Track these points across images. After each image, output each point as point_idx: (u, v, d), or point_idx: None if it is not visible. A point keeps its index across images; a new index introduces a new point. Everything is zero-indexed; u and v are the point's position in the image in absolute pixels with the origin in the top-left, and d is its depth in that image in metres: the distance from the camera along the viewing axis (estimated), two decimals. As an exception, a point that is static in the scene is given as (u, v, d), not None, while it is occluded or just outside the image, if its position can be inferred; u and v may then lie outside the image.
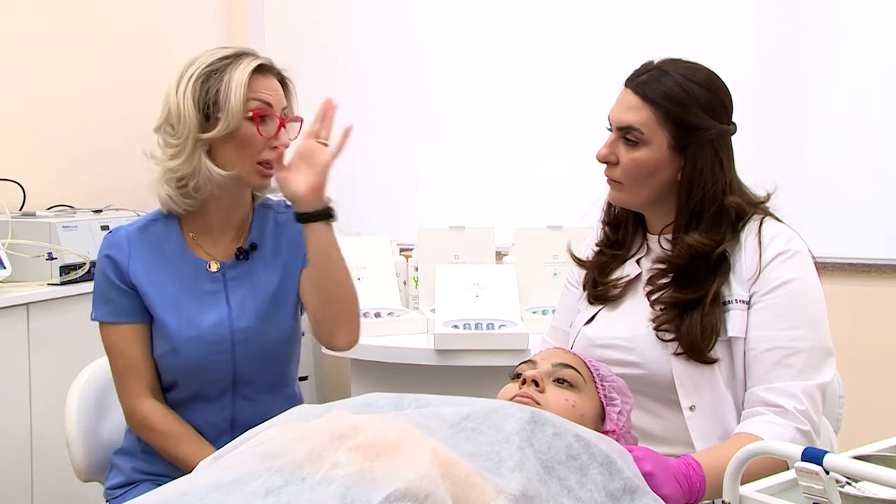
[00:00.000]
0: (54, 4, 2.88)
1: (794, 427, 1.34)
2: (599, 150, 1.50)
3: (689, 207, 1.46)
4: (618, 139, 1.48)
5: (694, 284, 1.44)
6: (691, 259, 1.45)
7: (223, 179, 1.57)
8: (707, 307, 1.42)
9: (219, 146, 1.56)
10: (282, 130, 1.59)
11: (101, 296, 1.63)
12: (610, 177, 1.51)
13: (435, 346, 2.24)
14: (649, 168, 1.46)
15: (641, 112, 1.45)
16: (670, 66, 1.48)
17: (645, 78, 1.46)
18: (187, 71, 1.56)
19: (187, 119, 1.54)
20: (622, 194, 1.51)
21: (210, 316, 1.61)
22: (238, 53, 1.58)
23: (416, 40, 3.35)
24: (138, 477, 1.65)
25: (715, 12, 2.97)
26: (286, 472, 1.00)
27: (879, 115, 2.81)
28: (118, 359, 1.63)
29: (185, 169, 1.56)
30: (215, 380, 1.62)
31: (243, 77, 1.54)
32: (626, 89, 1.48)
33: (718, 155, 1.46)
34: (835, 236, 2.81)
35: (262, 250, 1.68)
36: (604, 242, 1.62)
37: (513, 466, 1.02)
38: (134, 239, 1.63)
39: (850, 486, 0.99)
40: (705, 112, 1.45)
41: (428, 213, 3.20)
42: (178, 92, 1.55)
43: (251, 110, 1.55)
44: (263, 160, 1.57)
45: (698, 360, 1.41)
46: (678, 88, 1.44)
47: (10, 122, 2.72)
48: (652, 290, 1.49)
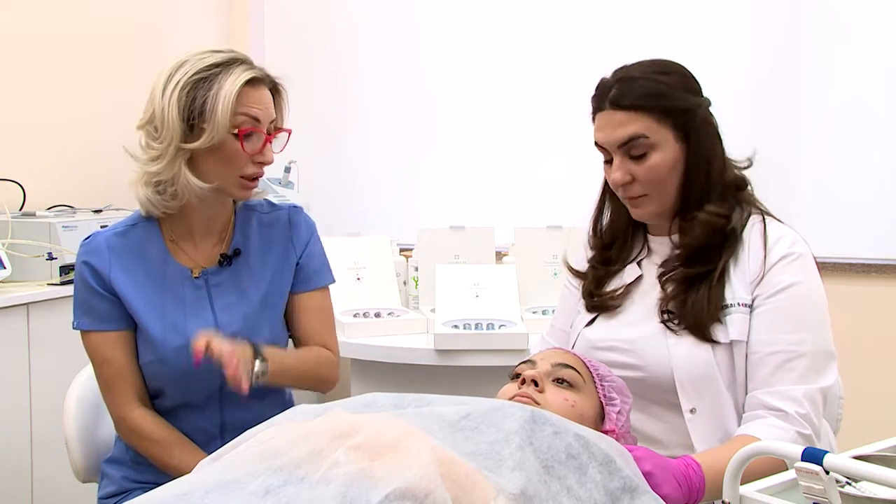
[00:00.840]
0: (54, 4, 2.88)
1: (794, 431, 1.34)
2: (612, 177, 1.46)
3: (699, 185, 1.46)
4: (623, 158, 1.45)
5: (706, 258, 1.45)
6: (707, 236, 1.44)
7: (202, 191, 1.53)
8: (714, 280, 1.42)
9: (200, 157, 1.52)
10: (267, 146, 1.55)
11: (82, 304, 1.58)
12: (631, 195, 1.48)
13: (435, 346, 2.23)
14: (668, 168, 1.44)
15: (635, 121, 1.42)
16: (627, 72, 1.46)
17: (616, 92, 1.44)
18: (175, 75, 1.50)
19: (170, 126, 1.49)
20: (650, 206, 1.48)
21: (195, 323, 1.56)
22: (230, 61, 1.52)
23: (416, 40, 3.35)
24: (129, 485, 1.63)
25: (713, 13, 2.96)
26: (285, 471, 1.00)
27: (879, 114, 2.81)
28: (104, 367, 1.59)
29: (165, 174, 1.52)
30: (202, 387, 1.58)
31: (232, 91, 1.48)
32: (605, 111, 1.45)
33: (714, 127, 1.48)
34: (835, 236, 2.81)
35: (247, 255, 1.64)
36: (595, 260, 1.61)
37: (512, 465, 1.02)
38: (114, 245, 1.58)
39: (850, 486, 0.99)
40: (686, 92, 1.45)
41: (428, 213, 3.20)
42: (163, 96, 1.49)
43: (237, 126, 1.50)
44: (246, 174, 1.54)
45: (699, 337, 1.41)
46: (652, 84, 1.43)
47: (10, 122, 2.72)
48: (664, 272, 1.48)
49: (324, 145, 3.40)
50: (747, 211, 1.49)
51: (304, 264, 1.69)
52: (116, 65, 3.08)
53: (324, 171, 3.40)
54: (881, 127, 2.81)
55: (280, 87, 1.60)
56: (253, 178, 1.56)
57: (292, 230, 1.69)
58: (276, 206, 1.72)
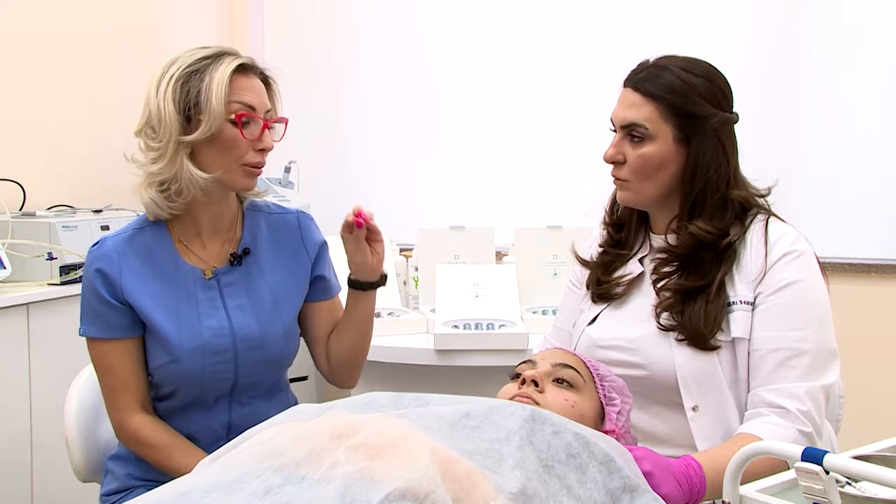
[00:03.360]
0: (54, 4, 2.88)
1: (795, 428, 1.34)
2: (606, 151, 1.50)
3: (693, 196, 1.46)
4: (623, 138, 1.48)
5: (700, 272, 1.45)
6: (694, 248, 1.45)
7: (206, 182, 1.53)
8: (712, 294, 1.43)
9: (201, 149, 1.53)
10: (266, 133, 1.56)
11: (90, 311, 1.57)
12: (617, 176, 1.51)
13: (435, 346, 2.23)
14: (657, 163, 1.46)
15: (644, 108, 1.45)
16: (668, 62, 1.48)
17: (644, 75, 1.47)
18: (167, 72, 1.52)
19: (168, 121, 1.50)
20: (630, 193, 1.51)
21: (210, 324, 1.58)
22: (218, 53, 1.54)
23: (417, 40, 3.35)
24: (133, 483, 1.63)
25: (715, 12, 2.97)
26: (285, 471, 1.00)
27: (880, 114, 2.81)
28: (108, 375, 1.58)
29: (168, 172, 1.52)
30: (215, 387, 1.59)
31: (223, 78, 1.50)
32: (627, 88, 1.49)
33: (722, 143, 1.47)
34: (835, 236, 2.81)
35: (257, 255, 1.65)
36: (607, 242, 1.62)
37: (513, 465, 1.02)
38: (123, 250, 1.57)
39: (850, 486, 0.99)
40: (706, 101, 1.45)
41: (428, 213, 3.20)
42: (158, 94, 1.51)
43: (233, 112, 1.51)
44: (249, 162, 1.55)
45: (700, 347, 1.41)
46: (678, 80, 1.45)
47: (10, 122, 2.72)
48: (658, 279, 1.49)
49: (324, 145, 3.40)
50: (749, 220, 1.49)
51: (326, 276, 1.73)
52: (117, 65, 3.08)
53: (324, 171, 3.40)
54: (882, 127, 2.81)
55: (270, 78, 1.61)
56: (255, 165, 1.56)
57: (303, 233, 1.71)
58: (284, 209, 1.73)
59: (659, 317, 1.46)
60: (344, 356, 1.72)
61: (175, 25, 3.36)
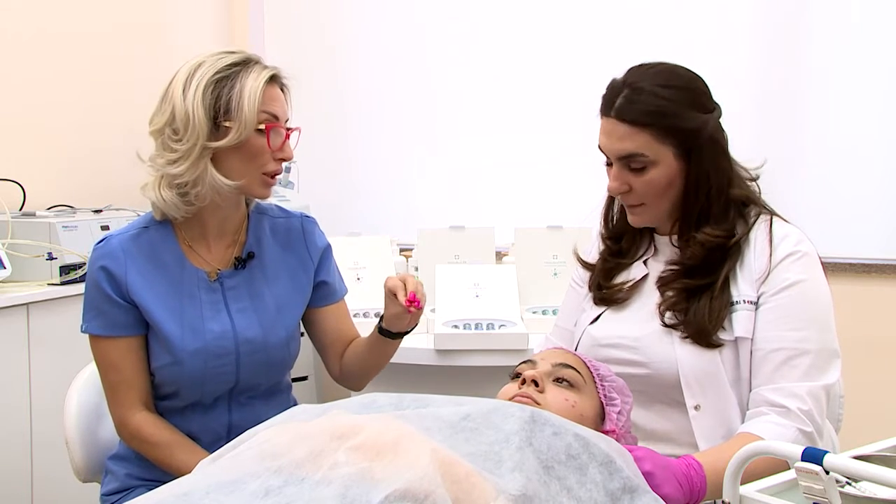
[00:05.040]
0: (54, 4, 2.88)
1: (796, 428, 1.35)
2: (609, 185, 1.48)
3: (698, 205, 1.46)
4: (622, 168, 1.45)
5: (705, 271, 1.45)
6: (706, 254, 1.45)
7: (228, 189, 1.53)
8: (717, 291, 1.43)
9: (224, 155, 1.52)
10: (287, 142, 1.56)
11: (93, 308, 1.57)
12: (629, 203, 1.50)
13: (435, 346, 2.23)
14: (665, 184, 1.45)
15: (637, 137, 1.42)
16: (639, 78, 1.44)
17: (622, 102, 1.42)
18: (195, 75, 1.51)
19: (196, 125, 1.49)
20: (646, 215, 1.50)
21: (213, 326, 1.57)
22: (246, 60, 1.54)
23: (417, 40, 3.35)
24: (133, 483, 1.63)
25: (714, 11, 2.96)
26: (285, 471, 1.00)
27: (880, 114, 2.80)
28: (110, 373, 1.58)
29: (188, 176, 1.51)
30: (216, 389, 1.60)
31: (257, 87, 1.50)
32: (609, 118, 1.45)
33: (720, 144, 1.47)
34: (835, 236, 2.81)
35: (261, 259, 1.65)
36: (606, 252, 1.61)
37: (512, 466, 1.02)
38: (128, 248, 1.56)
39: (850, 486, 0.99)
40: (694, 110, 1.44)
41: (428, 213, 3.20)
42: (186, 97, 1.50)
43: (262, 122, 1.51)
44: (269, 171, 1.56)
45: (703, 344, 1.41)
46: (661, 101, 1.41)
47: (10, 122, 2.72)
48: (663, 284, 1.49)
49: (324, 145, 3.40)
50: (753, 219, 1.49)
51: (329, 281, 1.73)
52: (116, 65, 3.08)
53: (324, 171, 3.40)
54: (882, 126, 2.81)
55: (286, 87, 1.61)
56: (274, 174, 1.57)
57: (306, 237, 1.71)
58: (289, 212, 1.73)
59: (663, 315, 1.46)
60: (357, 373, 1.76)
61: (175, 25, 3.36)
